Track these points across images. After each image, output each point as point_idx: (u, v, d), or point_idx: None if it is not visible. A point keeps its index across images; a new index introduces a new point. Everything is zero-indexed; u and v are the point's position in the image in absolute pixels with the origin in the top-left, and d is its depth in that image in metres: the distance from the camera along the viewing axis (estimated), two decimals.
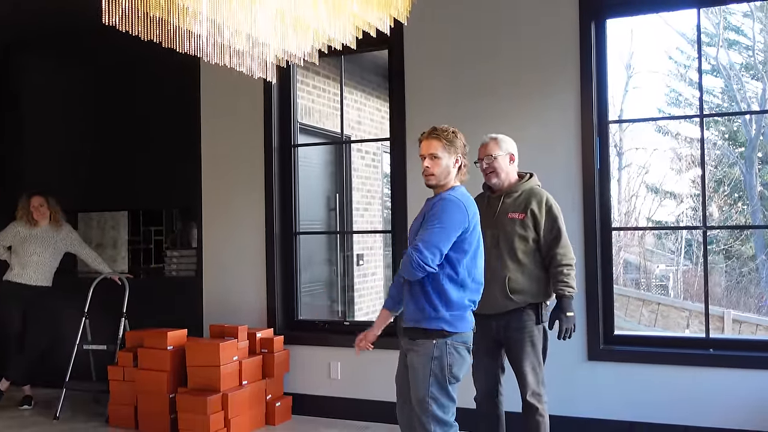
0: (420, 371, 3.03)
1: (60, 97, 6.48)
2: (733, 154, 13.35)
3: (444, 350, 3.01)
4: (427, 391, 3.01)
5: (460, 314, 3.06)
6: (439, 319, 3.02)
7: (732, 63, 13.50)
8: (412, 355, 3.08)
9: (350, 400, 5.07)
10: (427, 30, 4.85)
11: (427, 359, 3.01)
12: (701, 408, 4.16)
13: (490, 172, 3.63)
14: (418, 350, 3.05)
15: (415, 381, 3.05)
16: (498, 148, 3.64)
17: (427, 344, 3.02)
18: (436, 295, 3.02)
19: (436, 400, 3.01)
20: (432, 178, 3.13)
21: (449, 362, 3.02)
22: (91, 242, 6.81)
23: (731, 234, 12.70)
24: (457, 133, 3.17)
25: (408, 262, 2.96)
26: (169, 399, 4.77)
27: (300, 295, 5.54)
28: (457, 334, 3.04)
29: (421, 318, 3.05)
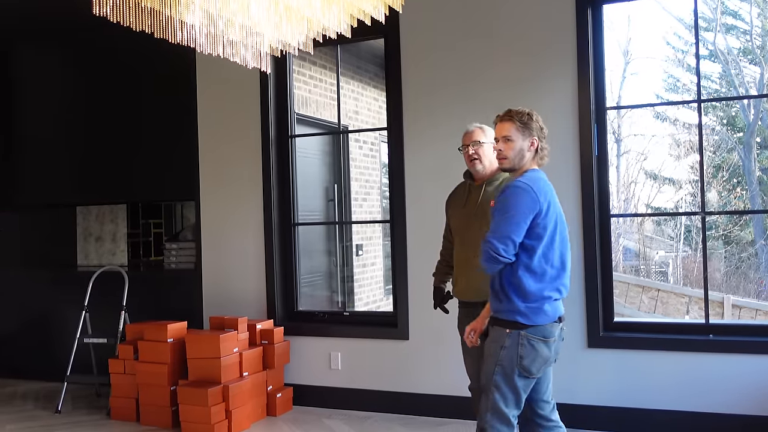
0: (489, 357, 3.00)
1: (57, 91, 6.47)
2: (732, 140, 13.33)
3: (516, 341, 2.94)
4: (491, 379, 2.96)
5: (537, 306, 2.96)
6: (513, 311, 2.95)
7: (730, 48, 13.45)
8: (487, 340, 3.08)
9: (351, 390, 5.08)
10: (422, 18, 4.83)
11: (497, 347, 2.97)
12: (701, 393, 4.17)
13: (474, 159, 3.62)
14: (492, 336, 3.04)
15: (484, 366, 3.03)
16: (484, 135, 3.64)
17: (500, 333, 2.98)
18: (510, 287, 2.96)
19: (498, 388, 2.95)
20: (505, 161, 3.06)
21: (520, 354, 2.93)
22: (91, 235, 6.84)
23: (730, 219, 12.70)
24: (533, 115, 3.06)
25: (483, 256, 2.90)
26: (170, 391, 4.78)
27: (299, 286, 5.54)
28: (534, 327, 2.95)
29: (497, 308, 3.02)
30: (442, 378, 4.77)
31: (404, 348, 4.93)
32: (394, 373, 4.95)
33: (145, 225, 6.81)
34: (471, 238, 3.58)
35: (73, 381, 5.46)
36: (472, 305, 3.61)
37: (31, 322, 6.36)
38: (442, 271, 3.91)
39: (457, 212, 3.72)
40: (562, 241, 3.03)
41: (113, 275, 5.68)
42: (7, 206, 6.62)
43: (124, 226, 6.80)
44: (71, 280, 6.21)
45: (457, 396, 4.61)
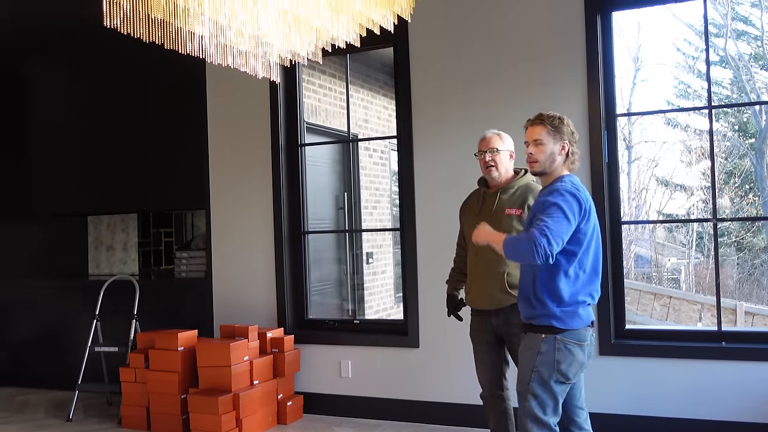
0: (525, 365, 2.95)
1: (68, 101, 6.51)
2: (744, 146, 13.26)
3: (553, 346, 2.90)
4: (527, 386, 2.91)
5: (571, 310, 2.92)
6: (548, 315, 2.91)
7: (741, 54, 13.41)
8: (521, 348, 3.03)
9: (361, 398, 5.07)
10: (431, 26, 4.84)
11: (533, 354, 2.92)
12: (714, 401, 4.13)
13: (491, 166, 3.61)
14: (526, 343, 2.99)
15: (519, 374, 2.98)
16: (501, 142, 3.63)
17: (535, 338, 2.93)
18: (546, 292, 2.92)
19: (536, 396, 2.90)
20: (536, 165, 3.03)
21: (557, 359, 2.89)
22: (102, 244, 6.87)
23: (743, 226, 12.62)
24: (564, 119, 3.05)
25: (531, 246, 2.75)
26: (180, 400, 4.79)
27: (310, 294, 5.54)
28: (569, 331, 2.91)
29: (530, 314, 2.98)
30: (452, 386, 4.76)
31: (415, 356, 4.92)
32: (405, 381, 4.94)
33: (155, 234, 6.85)
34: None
35: (84, 389, 5.48)
36: (485, 313, 3.61)
37: (42, 331, 6.40)
38: (455, 279, 3.90)
39: (471, 219, 3.71)
40: (597, 246, 3.01)
41: (124, 284, 5.70)
42: (19, 216, 6.66)
43: (135, 236, 6.83)
44: (82, 289, 6.24)
45: (468, 404, 4.59)
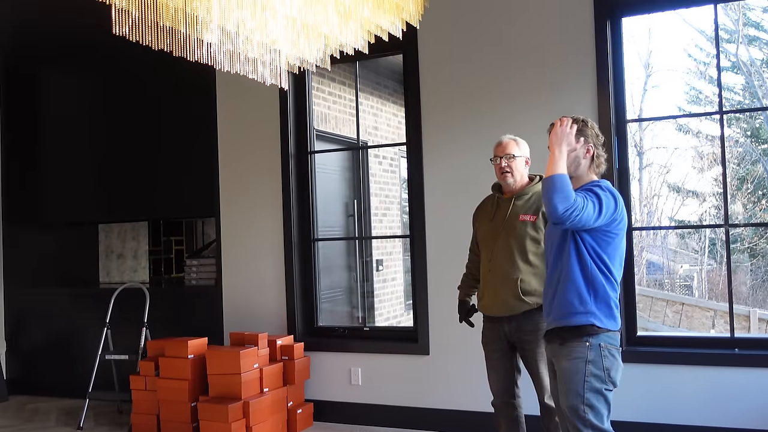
0: (573, 376, 2.78)
1: (79, 110, 6.55)
2: (756, 151, 13.17)
3: (599, 353, 2.78)
4: (582, 398, 2.75)
5: (608, 311, 2.83)
6: (588, 313, 2.80)
7: (752, 59, 13.33)
8: (561, 360, 2.86)
9: (371, 405, 5.05)
10: (440, 33, 4.84)
11: (581, 362, 2.78)
12: (726, 408, 4.09)
13: (506, 172, 3.60)
14: (569, 353, 2.82)
15: (568, 387, 2.80)
16: (518, 148, 3.62)
17: (579, 347, 2.80)
18: (585, 285, 2.81)
19: (592, 407, 2.76)
20: None
21: (606, 365, 2.79)
22: (112, 252, 6.90)
23: (756, 232, 12.52)
24: (588, 122, 2.97)
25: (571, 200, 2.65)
26: (191, 407, 4.79)
27: (320, 301, 5.54)
28: (609, 333, 2.82)
29: (567, 312, 2.84)
30: (463, 393, 4.74)
31: (425, 363, 4.90)
32: (415, 388, 4.92)
33: (166, 242, 6.87)
34: (498, 251, 3.57)
35: (95, 397, 5.48)
36: (498, 320, 3.59)
37: (53, 339, 6.42)
38: (467, 284, 3.89)
39: (485, 225, 3.70)
40: (623, 254, 2.96)
41: (134, 292, 5.71)
42: (30, 224, 6.69)
43: (146, 243, 6.85)
44: (93, 297, 6.26)
45: (479, 412, 4.57)
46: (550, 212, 2.70)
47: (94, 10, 2.54)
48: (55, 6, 5.20)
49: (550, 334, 2.97)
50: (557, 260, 2.92)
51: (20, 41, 6.25)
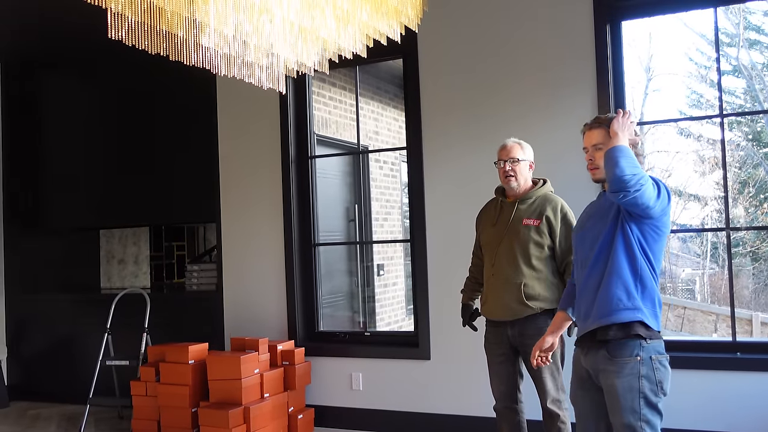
0: (626, 393, 2.63)
1: (80, 115, 6.55)
2: (758, 155, 13.16)
3: (651, 366, 2.64)
4: (639, 415, 2.62)
5: (653, 310, 2.69)
6: (636, 309, 2.65)
7: (753, 63, 13.32)
8: (609, 376, 2.66)
9: (372, 411, 5.04)
10: (440, 37, 4.84)
11: (634, 379, 2.62)
12: (728, 413, 4.08)
13: (510, 175, 3.59)
14: (620, 371, 2.64)
15: (621, 404, 2.64)
16: (522, 152, 3.62)
17: (631, 363, 2.63)
18: (633, 279, 2.67)
19: (648, 422, 2.63)
20: (597, 171, 2.81)
21: (658, 378, 2.65)
22: (113, 258, 6.90)
23: (758, 236, 12.49)
24: (632, 123, 2.78)
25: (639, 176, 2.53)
26: (191, 413, 4.78)
27: (320, 306, 5.53)
28: (656, 342, 2.67)
29: (613, 308, 2.66)
30: (464, 398, 4.72)
31: (426, 368, 4.89)
32: (416, 393, 4.91)
33: (168, 247, 6.87)
34: (502, 255, 3.56)
35: (95, 403, 5.47)
36: (501, 324, 3.58)
37: (54, 345, 6.41)
38: (470, 288, 3.88)
39: (488, 229, 3.70)
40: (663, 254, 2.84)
41: (135, 297, 5.71)
42: (32, 230, 6.69)
43: (147, 249, 6.85)
44: (94, 302, 6.26)
45: (481, 416, 4.56)
46: (617, 176, 2.53)
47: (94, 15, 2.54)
48: (56, 11, 5.21)
49: (588, 340, 2.76)
50: (598, 259, 2.74)
51: (21, 46, 6.25)
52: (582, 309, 2.81)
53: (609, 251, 2.72)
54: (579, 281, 2.87)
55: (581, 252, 2.87)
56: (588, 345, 2.76)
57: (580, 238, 2.91)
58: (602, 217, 2.78)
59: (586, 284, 2.80)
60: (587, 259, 2.81)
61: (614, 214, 2.73)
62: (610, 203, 2.75)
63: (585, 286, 2.80)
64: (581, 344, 2.82)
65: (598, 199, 2.95)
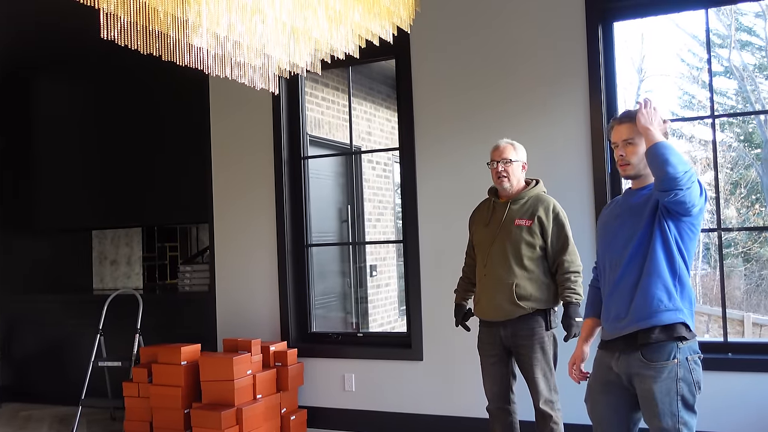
0: (664, 397, 2.56)
1: (72, 117, 6.54)
2: (749, 156, 13.22)
3: (687, 367, 2.58)
4: (677, 418, 2.56)
5: (691, 310, 2.61)
6: (677, 309, 2.57)
7: (745, 64, 13.39)
8: (646, 381, 2.59)
9: (365, 412, 5.04)
10: (433, 38, 4.84)
11: (672, 382, 2.56)
12: (720, 413, 4.08)
13: (503, 176, 3.60)
14: (657, 375, 2.57)
15: (659, 409, 2.57)
16: (515, 153, 3.62)
17: (667, 365, 2.56)
18: (672, 279, 2.58)
19: (686, 424, 2.58)
20: (628, 167, 2.71)
21: (695, 379, 2.60)
22: (106, 259, 6.88)
23: (750, 236, 12.55)
24: (656, 110, 2.68)
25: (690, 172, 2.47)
26: (184, 414, 4.77)
27: (313, 307, 5.52)
28: (691, 342, 2.61)
29: (654, 310, 2.57)
30: (457, 399, 4.73)
31: (419, 369, 4.89)
32: (409, 394, 4.91)
33: (160, 248, 6.85)
34: (494, 255, 3.57)
35: (87, 405, 5.45)
36: (493, 324, 3.59)
37: (46, 346, 6.39)
38: (463, 289, 3.89)
39: (481, 230, 3.71)
40: None
41: (128, 298, 5.69)
42: (24, 230, 6.67)
43: (139, 250, 6.83)
44: (86, 303, 6.24)
45: (473, 417, 4.56)
46: (671, 175, 2.45)
47: (85, 15, 2.54)
48: (48, 12, 5.19)
49: (622, 343, 2.66)
50: (634, 258, 2.65)
51: (13, 48, 6.22)
52: (613, 310, 2.71)
53: (646, 250, 2.63)
54: (609, 283, 2.75)
55: (611, 253, 2.75)
56: (620, 348, 2.67)
57: (609, 238, 2.79)
58: (634, 216, 2.69)
59: (618, 285, 2.69)
60: (620, 259, 2.69)
61: (650, 212, 2.64)
62: (644, 201, 2.67)
63: (617, 288, 2.70)
64: (611, 347, 2.72)
65: (625, 196, 2.84)
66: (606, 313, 2.77)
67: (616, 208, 2.85)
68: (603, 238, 2.85)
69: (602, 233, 2.87)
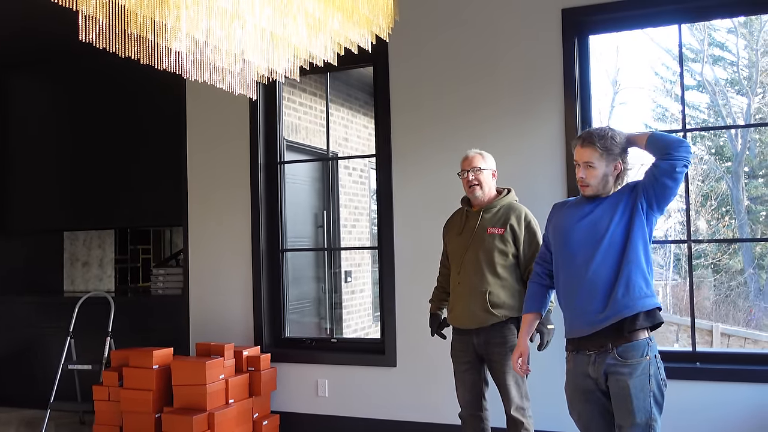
0: (639, 393, 2.71)
1: (47, 117, 6.48)
2: (720, 169, 13.44)
3: (656, 364, 2.75)
4: (650, 414, 2.71)
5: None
6: (653, 295, 2.75)
7: (717, 78, 13.63)
8: (621, 379, 2.73)
9: (338, 417, 5.03)
10: (411, 46, 4.87)
11: (645, 378, 2.72)
12: (688, 421, 4.15)
13: (474, 185, 3.64)
14: (632, 372, 2.72)
15: (633, 405, 2.71)
16: (484, 161, 3.67)
17: (642, 362, 2.72)
18: (647, 266, 2.77)
19: (656, 421, 2.73)
20: (587, 189, 2.89)
21: (662, 376, 2.78)
22: (78, 260, 6.81)
23: (719, 248, 12.76)
24: (616, 137, 2.89)
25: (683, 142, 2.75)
26: (155, 418, 4.73)
27: (287, 312, 5.52)
28: (653, 341, 2.79)
29: (635, 297, 2.72)
30: (430, 405, 4.74)
31: (392, 375, 4.90)
32: (382, 400, 4.92)
33: (133, 251, 6.80)
34: (467, 264, 3.60)
35: (56, 408, 5.39)
36: (467, 332, 3.62)
37: (14, 348, 6.30)
38: (438, 298, 3.92)
39: (454, 239, 3.75)
40: None
41: (99, 301, 5.64)
42: None
43: (112, 252, 6.77)
44: (56, 305, 6.16)
45: (446, 424, 4.58)
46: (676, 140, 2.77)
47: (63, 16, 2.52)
48: (25, 12, 5.15)
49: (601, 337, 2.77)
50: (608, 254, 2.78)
51: None
52: (587, 306, 2.79)
53: (625, 242, 2.76)
54: (576, 280, 2.84)
55: (583, 251, 2.83)
56: (597, 347, 2.78)
57: (576, 239, 2.87)
58: (605, 217, 2.83)
59: (591, 280, 2.78)
60: (592, 255, 2.79)
61: (625, 209, 2.81)
62: (614, 203, 2.84)
63: (589, 282, 2.78)
64: (585, 346, 2.81)
65: (578, 205, 2.96)
66: (573, 311, 2.86)
67: (576, 216, 2.93)
68: (563, 242, 2.93)
69: (562, 233, 2.95)
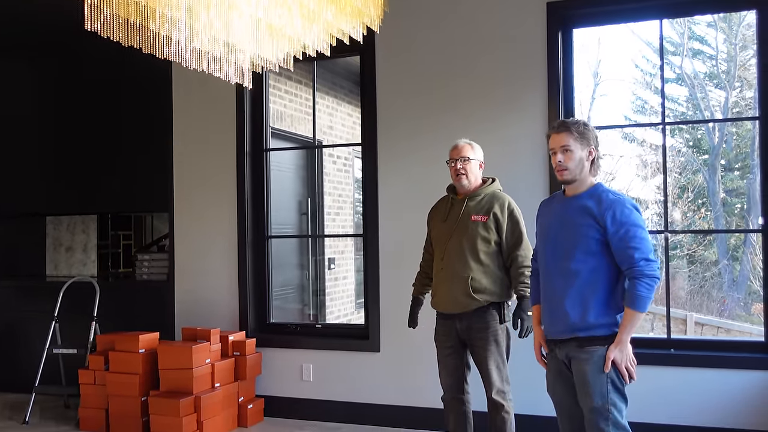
0: (596, 378, 2.85)
1: (31, 101, 6.46)
2: (697, 161, 13.63)
3: None
4: (606, 399, 2.84)
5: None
6: (613, 324, 2.90)
7: (696, 72, 13.78)
8: (580, 363, 2.89)
9: (322, 401, 5.12)
10: (398, 36, 4.93)
11: (603, 365, 2.85)
12: (662, 405, 4.28)
13: (461, 174, 3.72)
14: (589, 358, 2.87)
15: (591, 389, 2.86)
16: (473, 152, 3.75)
17: (599, 350, 2.85)
18: (614, 300, 2.90)
19: (615, 405, 2.85)
20: (566, 173, 2.94)
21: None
22: (61, 245, 6.81)
23: (695, 239, 12.95)
24: (588, 124, 2.99)
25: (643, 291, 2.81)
26: (141, 402, 4.78)
27: (272, 298, 5.58)
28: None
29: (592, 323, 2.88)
30: (413, 389, 4.84)
31: (375, 360, 4.99)
32: (366, 384, 5.01)
33: (114, 236, 6.80)
34: (451, 250, 3.69)
35: (41, 392, 5.41)
36: (449, 317, 3.71)
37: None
38: (421, 283, 4.01)
39: (439, 225, 3.83)
40: None
41: (83, 286, 5.65)
42: None
43: (95, 237, 6.77)
44: (40, 290, 6.17)
45: (429, 407, 4.68)
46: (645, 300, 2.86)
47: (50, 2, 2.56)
48: None
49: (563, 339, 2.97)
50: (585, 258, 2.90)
51: None
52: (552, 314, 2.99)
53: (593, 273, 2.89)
54: (545, 283, 3.04)
55: (555, 260, 2.98)
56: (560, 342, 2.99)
57: (550, 246, 3.02)
58: (571, 226, 2.94)
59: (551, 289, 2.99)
60: (552, 267, 2.98)
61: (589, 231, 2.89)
62: (579, 210, 2.92)
63: (550, 291, 2.99)
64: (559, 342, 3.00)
65: (560, 202, 3.05)
66: (544, 310, 3.08)
67: (552, 215, 3.06)
68: (544, 238, 3.08)
69: (542, 232, 3.12)
